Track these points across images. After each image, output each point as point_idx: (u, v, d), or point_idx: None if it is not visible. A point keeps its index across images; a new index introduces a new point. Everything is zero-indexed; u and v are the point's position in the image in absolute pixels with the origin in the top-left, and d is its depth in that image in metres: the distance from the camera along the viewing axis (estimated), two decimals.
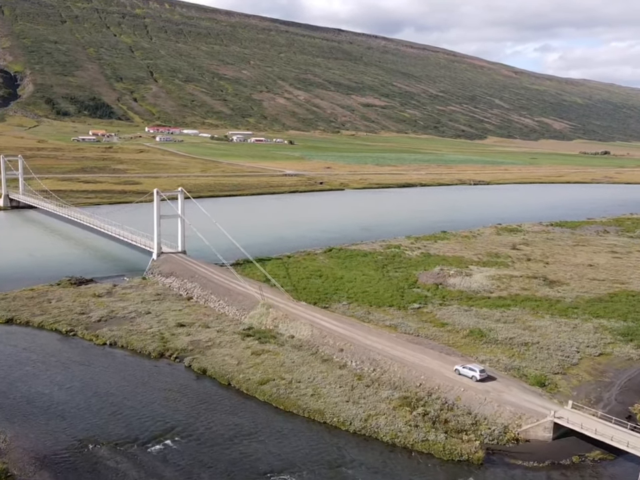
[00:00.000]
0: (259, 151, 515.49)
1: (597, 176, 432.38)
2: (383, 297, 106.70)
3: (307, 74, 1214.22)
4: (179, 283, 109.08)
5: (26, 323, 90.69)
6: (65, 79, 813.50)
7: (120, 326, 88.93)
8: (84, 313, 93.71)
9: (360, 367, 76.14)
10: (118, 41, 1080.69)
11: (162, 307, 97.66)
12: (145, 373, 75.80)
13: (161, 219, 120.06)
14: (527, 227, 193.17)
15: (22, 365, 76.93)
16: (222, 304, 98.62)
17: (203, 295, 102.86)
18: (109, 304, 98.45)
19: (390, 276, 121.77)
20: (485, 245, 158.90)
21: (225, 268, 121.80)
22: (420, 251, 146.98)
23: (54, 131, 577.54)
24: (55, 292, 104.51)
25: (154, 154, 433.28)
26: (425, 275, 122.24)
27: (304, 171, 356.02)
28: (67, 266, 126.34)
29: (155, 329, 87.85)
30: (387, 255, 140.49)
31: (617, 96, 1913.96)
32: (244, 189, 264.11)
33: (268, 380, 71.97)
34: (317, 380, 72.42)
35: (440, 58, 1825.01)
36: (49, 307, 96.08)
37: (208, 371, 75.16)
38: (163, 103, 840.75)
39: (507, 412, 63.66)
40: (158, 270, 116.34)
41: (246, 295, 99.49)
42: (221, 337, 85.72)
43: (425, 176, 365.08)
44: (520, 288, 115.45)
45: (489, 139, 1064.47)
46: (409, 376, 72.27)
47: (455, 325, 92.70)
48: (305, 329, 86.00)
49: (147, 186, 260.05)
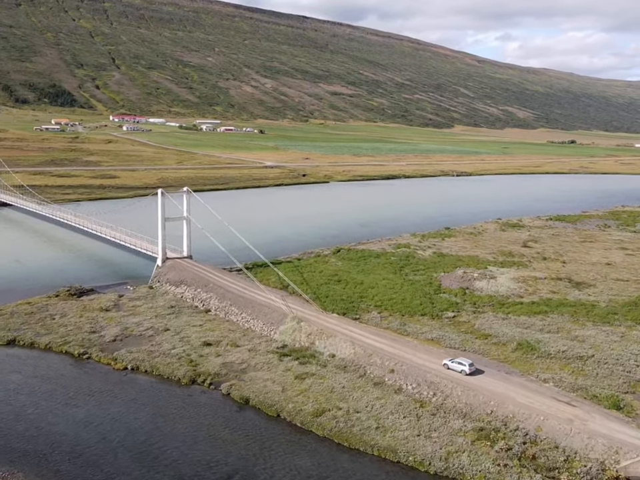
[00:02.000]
0: (231, 141, 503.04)
1: (572, 166, 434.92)
2: (412, 305, 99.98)
3: (273, 62, 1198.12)
4: (192, 293, 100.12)
5: (30, 344, 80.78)
6: (22, 64, 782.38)
7: (139, 346, 79.90)
8: (95, 331, 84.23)
9: (418, 390, 69.25)
10: (77, 26, 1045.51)
11: (180, 322, 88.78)
12: (179, 403, 67.36)
13: (165, 221, 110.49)
14: (528, 221, 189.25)
15: (34, 396, 67.60)
16: (245, 317, 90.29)
17: (222, 307, 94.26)
18: (121, 319, 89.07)
19: (411, 280, 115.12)
20: (494, 243, 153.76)
21: (236, 273, 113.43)
22: (431, 251, 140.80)
23: (14, 120, 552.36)
24: (55, 305, 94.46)
25: (123, 144, 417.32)
26: (448, 278, 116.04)
27: (283, 162, 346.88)
28: (59, 273, 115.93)
29: (179, 349, 79.12)
30: (400, 256, 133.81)
31: (577, 85, 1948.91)
32: (227, 183, 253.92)
33: (323, 410, 64.46)
34: (376, 409, 65.24)
35: (405, 46, 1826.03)
36: (53, 325, 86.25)
37: (251, 400, 67.19)
38: (127, 91, 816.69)
39: (600, 445, 57.62)
40: (165, 278, 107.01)
41: (270, 307, 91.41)
42: (254, 357, 77.62)
43: (406, 167, 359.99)
44: (549, 291, 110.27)
45: (456, 127, 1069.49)
46: (476, 401, 65.72)
47: (499, 337, 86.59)
48: (346, 346, 78.60)
49: (125, 180, 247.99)
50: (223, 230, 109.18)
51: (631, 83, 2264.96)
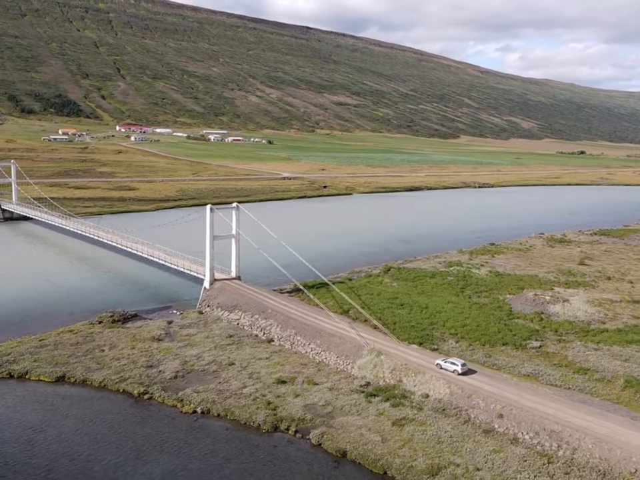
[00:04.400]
0: (242, 151, 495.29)
1: (591, 177, 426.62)
2: (489, 332, 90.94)
3: (278, 72, 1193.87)
4: (248, 320, 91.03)
5: (82, 381, 71.64)
6: (27, 74, 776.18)
7: (205, 385, 70.77)
8: (152, 366, 75.09)
9: (538, 441, 60.07)
10: (82, 36, 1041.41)
11: (244, 355, 79.63)
12: (266, 457, 58.17)
13: (214, 239, 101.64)
14: (573, 236, 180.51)
15: (97, 448, 58.42)
16: (315, 349, 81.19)
17: (286, 336, 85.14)
18: (177, 351, 79.94)
19: (477, 302, 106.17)
20: (547, 260, 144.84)
21: (287, 295, 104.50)
22: (486, 269, 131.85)
23: (21, 130, 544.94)
24: (101, 334, 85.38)
25: (134, 155, 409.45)
26: (517, 301, 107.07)
27: (300, 174, 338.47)
28: (96, 295, 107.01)
29: (250, 387, 69.99)
30: (455, 275, 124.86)
31: (579, 96, 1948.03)
32: (249, 195, 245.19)
33: (438, 467, 55.32)
34: (498, 465, 56.10)
35: (407, 57, 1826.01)
36: (104, 358, 77.13)
37: (349, 453, 58.09)
38: (133, 101, 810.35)
39: None
40: (216, 302, 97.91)
41: (340, 336, 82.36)
42: (338, 397, 68.53)
43: (426, 178, 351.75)
44: (631, 316, 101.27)
45: (462, 137, 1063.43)
46: (613, 457, 56.56)
47: (600, 372, 77.50)
48: (440, 385, 69.55)
49: (145, 191, 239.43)
50: (265, 247, 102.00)
51: (633, 93, 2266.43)
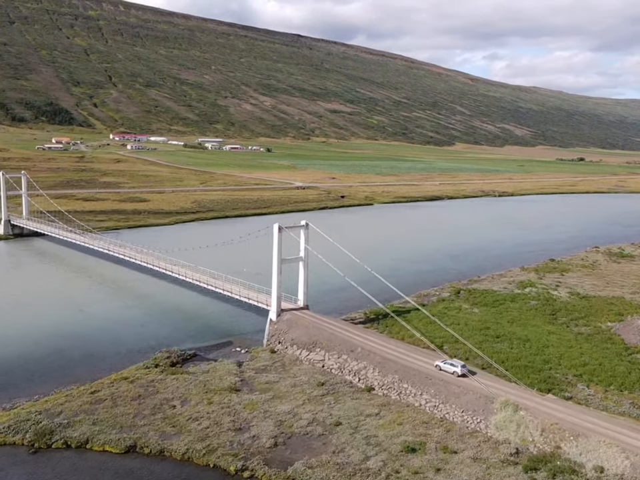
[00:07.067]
0: (243, 160, 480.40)
1: (605, 184, 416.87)
2: (617, 373, 76.78)
3: (270, 79, 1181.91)
4: (336, 361, 76.35)
5: (159, 452, 56.40)
6: (17, 82, 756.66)
7: (316, 456, 56.01)
8: (241, 429, 60.21)
9: None
10: (72, 44, 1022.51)
11: (347, 410, 64.93)
12: None
13: (282, 263, 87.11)
14: (630, 250, 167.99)
15: None
16: (430, 400, 66.78)
17: (389, 383, 70.59)
18: (264, 406, 65.08)
19: (581, 333, 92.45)
20: (622, 278, 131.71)
21: (364, 327, 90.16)
22: (565, 290, 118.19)
23: (13, 139, 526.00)
24: (164, 382, 70.38)
25: (134, 164, 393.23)
26: (626, 330, 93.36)
27: (311, 183, 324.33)
28: (140, 329, 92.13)
29: (375, 459, 55.33)
30: (536, 298, 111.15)
31: (567, 103, 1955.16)
32: (269, 206, 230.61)
33: None
34: None
35: (398, 64, 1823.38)
36: (179, 418, 62.06)
37: None
38: (126, 109, 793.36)
39: None
40: (288, 338, 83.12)
41: (458, 384, 68.07)
42: (491, 473, 53.97)
43: (442, 187, 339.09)
44: None
45: (457, 145, 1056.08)
46: None
47: None
48: (615, 453, 55.42)
49: (158, 203, 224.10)
50: (314, 267, 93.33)
51: (619, 101, 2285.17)
